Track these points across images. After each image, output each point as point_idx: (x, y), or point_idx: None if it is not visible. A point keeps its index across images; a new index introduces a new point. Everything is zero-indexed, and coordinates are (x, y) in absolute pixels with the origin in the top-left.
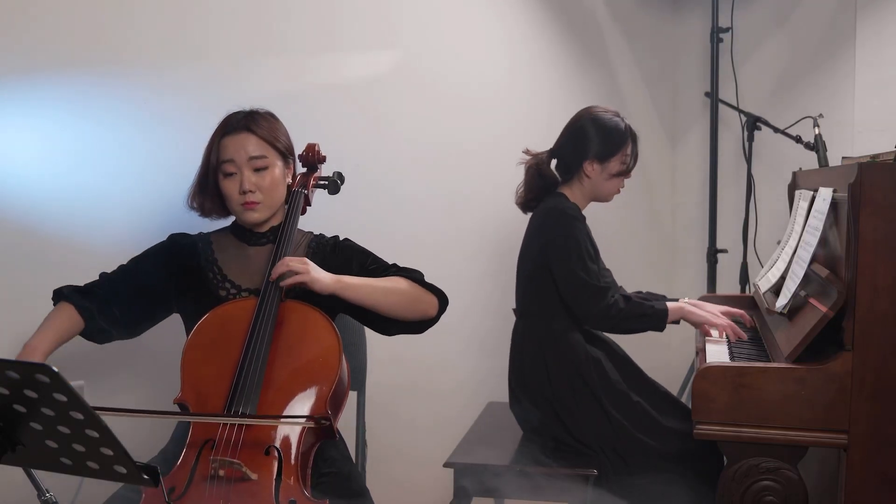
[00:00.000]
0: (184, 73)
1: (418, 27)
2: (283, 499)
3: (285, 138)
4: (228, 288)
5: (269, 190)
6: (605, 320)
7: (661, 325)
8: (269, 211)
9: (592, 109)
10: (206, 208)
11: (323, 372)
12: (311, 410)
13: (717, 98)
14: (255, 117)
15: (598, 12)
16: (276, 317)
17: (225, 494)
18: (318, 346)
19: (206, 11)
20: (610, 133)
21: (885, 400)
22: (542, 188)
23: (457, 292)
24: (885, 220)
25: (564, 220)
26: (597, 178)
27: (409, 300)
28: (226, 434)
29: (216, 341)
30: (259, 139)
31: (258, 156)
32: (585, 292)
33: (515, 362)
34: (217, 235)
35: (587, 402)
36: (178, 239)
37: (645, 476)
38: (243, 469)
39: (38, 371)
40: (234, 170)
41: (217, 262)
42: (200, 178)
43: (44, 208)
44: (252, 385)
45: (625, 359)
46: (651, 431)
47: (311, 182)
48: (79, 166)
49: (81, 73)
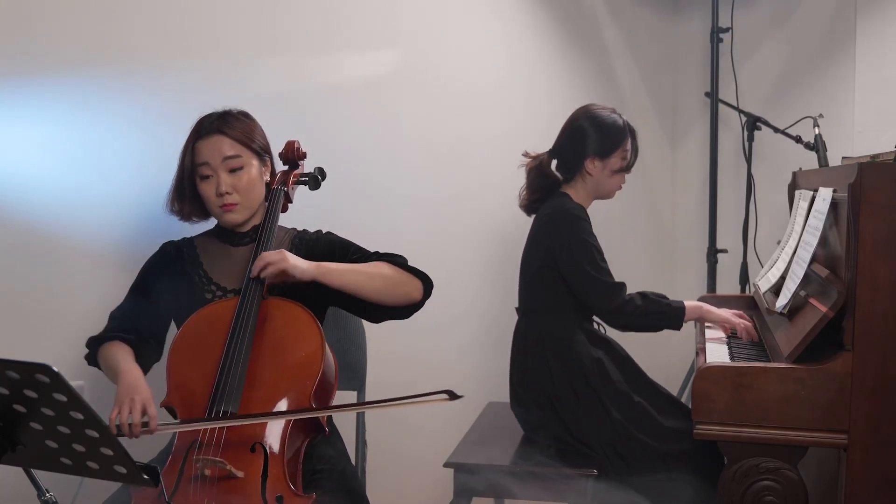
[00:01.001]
0: (184, 74)
1: (419, 27)
2: (270, 495)
3: (260, 138)
4: (214, 290)
5: (246, 190)
6: (623, 316)
7: (679, 323)
8: (248, 211)
9: (589, 107)
10: (185, 212)
11: (306, 367)
12: (295, 406)
13: (717, 98)
14: (228, 119)
15: (599, 12)
16: (256, 314)
17: (211, 493)
18: (301, 341)
19: (206, 12)
20: (608, 130)
21: (885, 400)
22: (545, 189)
23: (458, 292)
24: (885, 220)
25: (571, 220)
26: (599, 176)
27: (393, 284)
28: (209, 433)
29: (199, 342)
30: (233, 140)
31: (232, 156)
32: (601, 290)
33: (517, 361)
34: (201, 239)
35: (588, 401)
36: (167, 248)
37: (645, 476)
38: (228, 467)
39: (38, 371)
40: (210, 172)
41: (202, 265)
42: (177, 183)
43: (43, 208)
44: (234, 383)
45: (626, 359)
46: (652, 431)
47: (291, 179)
48: (78, 166)
49: (81, 73)
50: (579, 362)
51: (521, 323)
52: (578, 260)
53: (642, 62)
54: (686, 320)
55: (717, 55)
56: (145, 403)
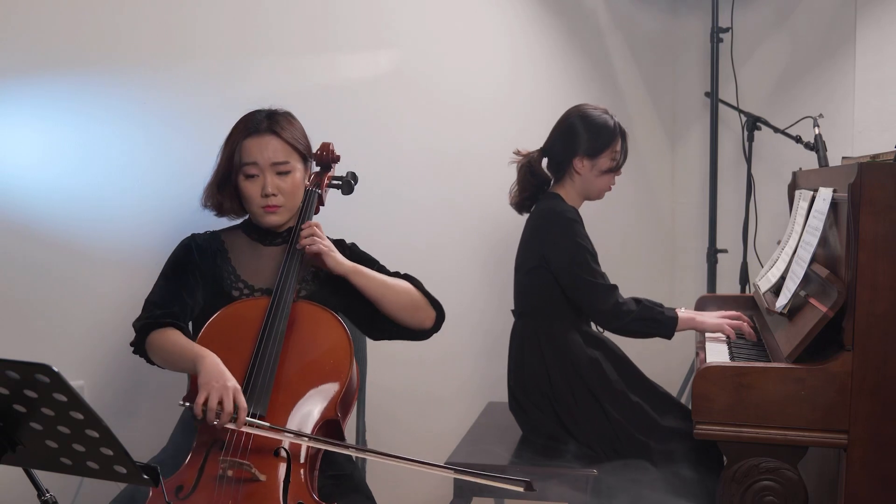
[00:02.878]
0: (183, 73)
1: (416, 28)
2: (291, 500)
3: (304, 139)
4: (241, 288)
5: (291, 193)
6: (615, 319)
7: (670, 332)
8: (288, 214)
9: (581, 107)
10: (224, 208)
11: (334, 374)
12: (322, 413)
13: (717, 98)
14: (278, 119)
15: (599, 12)
16: (287, 317)
17: (233, 495)
18: (330, 347)
19: (205, 11)
20: (599, 130)
21: (885, 400)
22: (536, 187)
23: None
24: (885, 220)
25: (564, 223)
26: (587, 175)
27: (413, 303)
28: (235, 435)
29: (227, 340)
30: (283, 142)
31: (282, 161)
32: (594, 293)
33: (514, 363)
34: (227, 234)
35: (587, 402)
36: (197, 238)
37: (644, 476)
38: (252, 470)
39: (38, 371)
40: (257, 172)
41: (231, 261)
42: (220, 178)
43: (44, 209)
44: (264, 386)
45: (623, 359)
46: (650, 431)
47: (325, 182)
48: (79, 167)
49: (82, 72)
50: (576, 363)
51: (517, 325)
52: (571, 263)
53: (642, 62)
54: (678, 330)
55: (717, 55)
56: (237, 394)
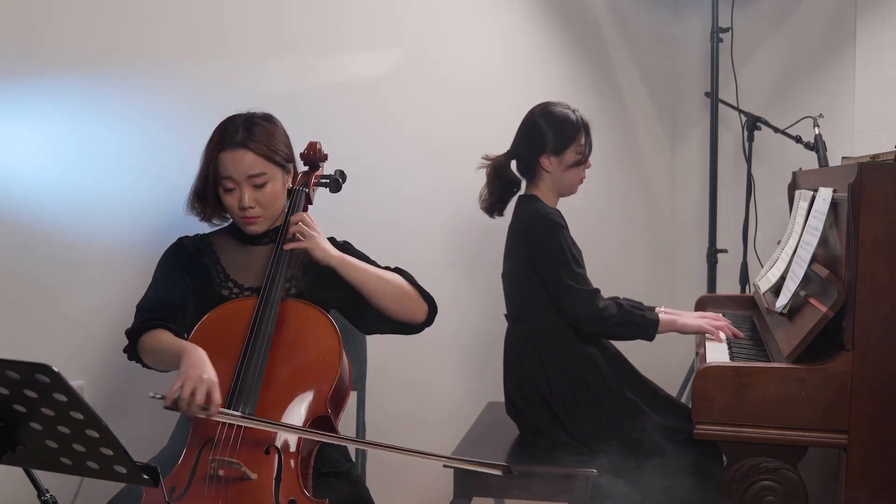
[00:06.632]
0: (186, 75)
1: (423, 27)
2: (283, 498)
3: (284, 147)
4: (231, 287)
5: (269, 204)
6: (597, 323)
7: (651, 335)
8: (269, 221)
9: (544, 105)
10: (206, 213)
11: (323, 371)
12: (312, 410)
13: (717, 98)
14: (252, 129)
15: (599, 12)
16: (276, 315)
17: (224, 494)
18: (319, 344)
19: (209, 12)
20: (561, 125)
21: (885, 400)
22: (503, 190)
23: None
24: (885, 220)
25: (548, 225)
26: (555, 171)
27: (403, 296)
28: (225, 433)
29: (217, 340)
30: (257, 156)
31: (258, 173)
32: (574, 297)
33: (511, 368)
34: (216, 236)
35: (585, 401)
36: (184, 241)
37: (643, 475)
38: (242, 469)
39: (38, 371)
40: (233, 185)
41: (220, 261)
42: (199, 187)
43: (44, 209)
44: (252, 384)
45: (617, 356)
46: (649, 431)
47: (312, 181)
48: (79, 167)
49: (84, 73)
50: (572, 360)
51: (511, 330)
52: (554, 267)
53: (642, 62)
54: (659, 332)
55: (717, 55)
56: (211, 386)
